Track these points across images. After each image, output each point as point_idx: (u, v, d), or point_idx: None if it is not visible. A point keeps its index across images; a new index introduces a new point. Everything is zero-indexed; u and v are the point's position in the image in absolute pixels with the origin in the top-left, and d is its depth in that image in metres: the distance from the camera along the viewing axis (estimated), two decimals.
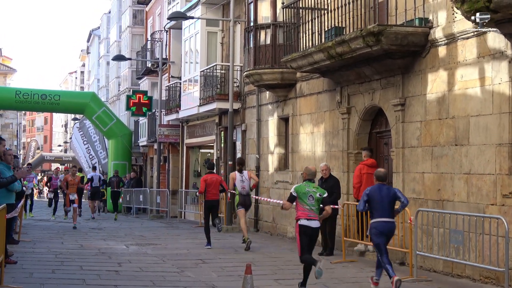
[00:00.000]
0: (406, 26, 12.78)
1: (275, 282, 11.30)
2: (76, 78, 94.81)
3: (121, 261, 13.53)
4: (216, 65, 23.36)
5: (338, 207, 14.45)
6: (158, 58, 31.51)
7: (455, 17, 11.71)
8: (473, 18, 9.79)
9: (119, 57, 33.64)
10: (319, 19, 15.29)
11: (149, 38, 36.55)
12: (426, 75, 12.84)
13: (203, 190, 16.22)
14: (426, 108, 12.79)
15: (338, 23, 14.42)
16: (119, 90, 47.25)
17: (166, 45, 32.05)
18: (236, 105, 22.11)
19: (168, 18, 25.10)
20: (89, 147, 43.45)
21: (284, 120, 19.47)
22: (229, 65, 21.49)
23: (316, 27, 15.45)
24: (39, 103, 34.81)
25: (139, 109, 32.71)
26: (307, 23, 15.93)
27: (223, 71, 23.08)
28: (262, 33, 19.03)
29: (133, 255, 14.82)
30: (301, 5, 16.26)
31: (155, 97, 32.38)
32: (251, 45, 19.24)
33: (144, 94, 33.25)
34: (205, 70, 23.91)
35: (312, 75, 17.19)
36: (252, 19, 19.37)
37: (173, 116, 28.90)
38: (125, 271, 12.16)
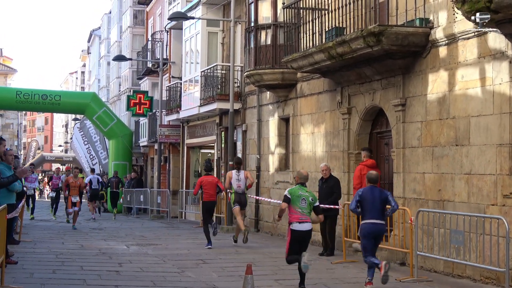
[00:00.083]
0: (407, 27, 12.78)
1: (276, 283, 11.30)
2: (77, 78, 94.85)
3: (122, 261, 13.53)
4: (217, 66, 23.35)
5: (339, 207, 14.47)
6: (159, 58, 31.51)
7: (456, 18, 11.70)
8: (474, 19, 9.79)
9: (120, 57, 33.65)
10: (320, 20, 15.29)
11: (150, 38, 36.50)
12: (427, 76, 12.84)
13: (197, 192, 16.90)
14: (427, 109, 12.78)
15: (339, 24, 14.42)
16: (120, 90, 47.20)
17: (167, 45, 32.02)
18: (237, 106, 22.12)
19: (169, 19, 25.13)
20: (90, 147, 43.45)
21: (285, 120, 19.47)
22: (230, 66, 21.51)
23: (317, 28, 15.45)
24: (40, 103, 34.81)
25: (140, 109, 32.71)
26: (308, 23, 15.93)
27: (224, 72, 23.08)
28: (263, 33, 19.04)
29: (134, 255, 14.82)
30: (302, 6, 16.26)
31: (156, 98, 32.35)
32: (252, 45, 19.25)
33: (145, 95, 33.20)
34: (206, 70, 23.90)
35: (313, 75, 17.19)
36: (253, 19, 19.38)
37: (174, 116, 28.89)
38: (126, 271, 12.16)
